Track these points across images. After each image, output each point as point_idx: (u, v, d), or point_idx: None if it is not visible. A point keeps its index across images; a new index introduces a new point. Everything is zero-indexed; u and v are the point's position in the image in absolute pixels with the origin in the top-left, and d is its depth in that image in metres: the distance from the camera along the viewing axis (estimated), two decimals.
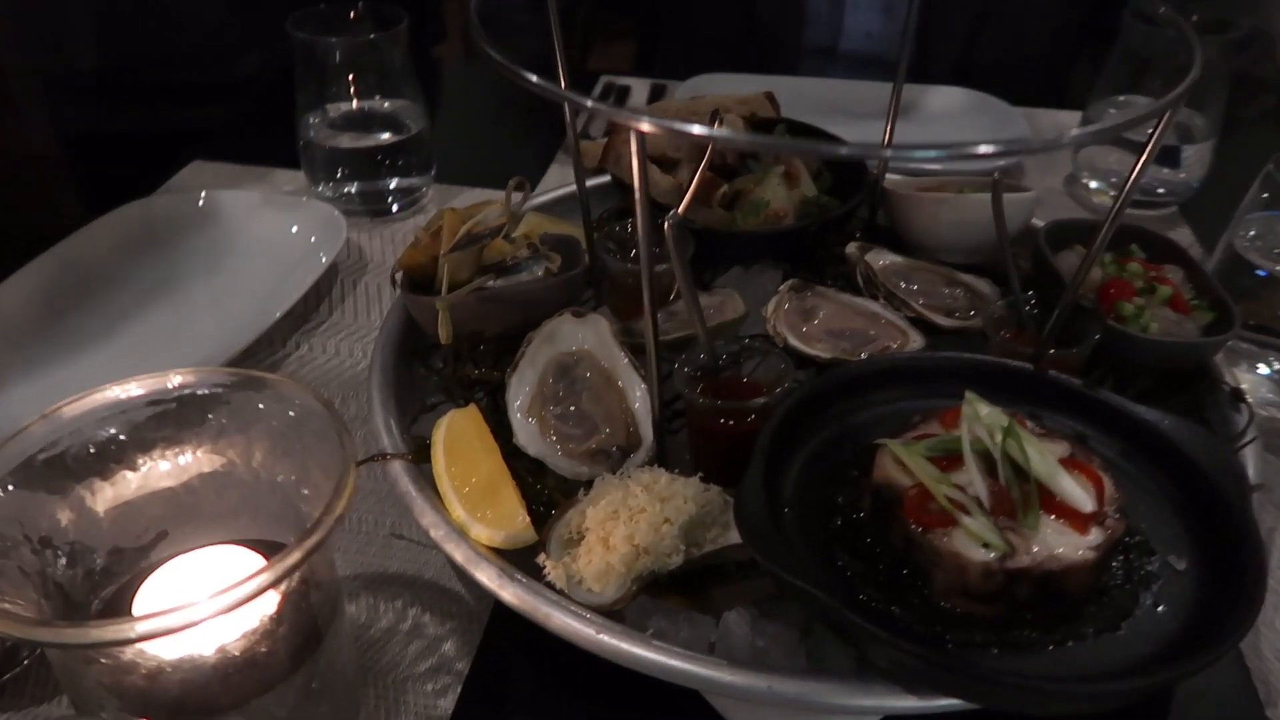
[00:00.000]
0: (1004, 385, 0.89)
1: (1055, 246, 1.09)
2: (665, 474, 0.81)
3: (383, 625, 0.88)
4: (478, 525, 0.79)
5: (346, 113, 1.46)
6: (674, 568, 0.77)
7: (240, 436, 0.75)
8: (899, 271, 1.11)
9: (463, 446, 0.84)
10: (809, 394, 0.88)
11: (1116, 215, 0.80)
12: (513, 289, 0.98)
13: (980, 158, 0.61)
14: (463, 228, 0.98)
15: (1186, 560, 0.76)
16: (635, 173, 0.69)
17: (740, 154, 1.21)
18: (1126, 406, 0.86)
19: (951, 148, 0.64)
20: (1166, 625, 0.71)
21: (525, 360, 0.93)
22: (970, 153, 0.63)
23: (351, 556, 0.94)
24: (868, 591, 0.73)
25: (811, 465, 0.84)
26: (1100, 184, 1.57)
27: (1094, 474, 0.76)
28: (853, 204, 1.16)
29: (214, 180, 1.58)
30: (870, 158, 0.65)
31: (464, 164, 1.64)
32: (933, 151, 0.64)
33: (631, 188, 1.20)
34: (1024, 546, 0.70)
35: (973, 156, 0.62)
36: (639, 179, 0.70)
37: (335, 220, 1.34)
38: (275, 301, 1.19)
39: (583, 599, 0.76)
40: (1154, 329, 0.98)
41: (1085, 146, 1.56)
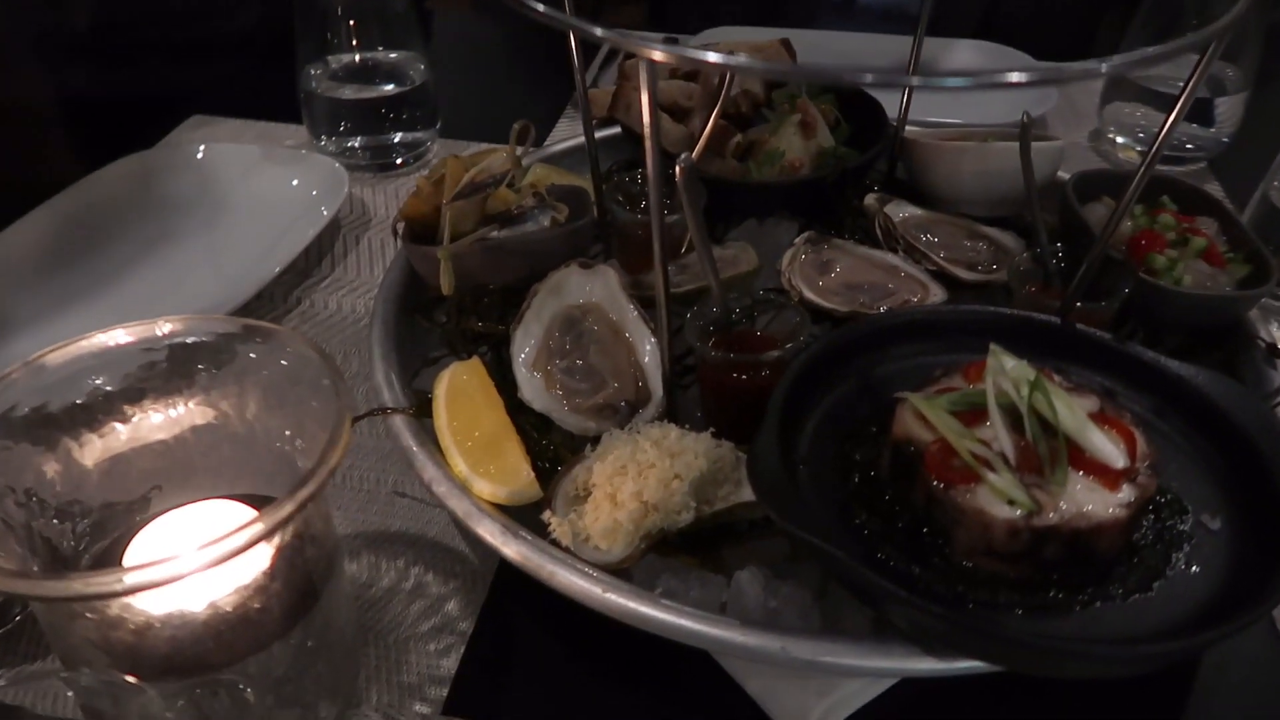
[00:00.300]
0: (1029, 339, 0.86)
1: (1083, 198, 1.05)
2: (675, 429, 0.78)
3: (384, 584, 0.85)
4: (480, 481, 0.76)
5: (348, 64, 1.42)
6: (684, 526, 0.74)
7: (233, 388, 0.72)
8: (919, 224, 1.07)
9: (465, 400, 0.81)
10: (825, 348, 0.84)
11: (1152, 161, 0.76)
12: (518, 239, 0.94)
13: (1010, 86, 0.58)
14: (466, 176, 0.94)
15: (1220, 520, 0.72)
16: (645, 107, 0.65)
17: (755, 103, 1.17)
18: (1158, 361, 0.83)
19: (980, 75, 0.60)
20: (1199, 587, 0.68)
21: (530, 313, 0.90)
22: (1000, 80, 0.59)
23: (352, 515, 0.91)
24: (886, 551, 0.70)
25: (828, 422, 0.81)
26: (1126, 139, 1.52)
27: (1125, 429, 0.72)
28: (871, 154, 1.12)
29: (214, 134, 1.55)
30: (897, 85, 0.62)
31: (470, 117, 1.60)
32: (961, 80, 0.61)
33: (642, 138, 1.17)
34: (1051, 504, 0.67)
35: (1003, 85, 0.59)
36: (649, 114, 0.66)
37: (337, 174, 1.30)
38: (276, 256, 1.16)
39: (589, 557, 0.73)
40: (1187, 282, 0.94)
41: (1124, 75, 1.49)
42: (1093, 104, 1.57)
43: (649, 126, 0.67)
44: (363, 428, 0.97)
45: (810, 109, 1.13)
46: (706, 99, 1.15)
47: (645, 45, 0.64)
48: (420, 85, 1.44)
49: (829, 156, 1.14)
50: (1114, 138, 1.53)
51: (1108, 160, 1.52)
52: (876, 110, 1.19)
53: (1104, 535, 0.67)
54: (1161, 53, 0.65)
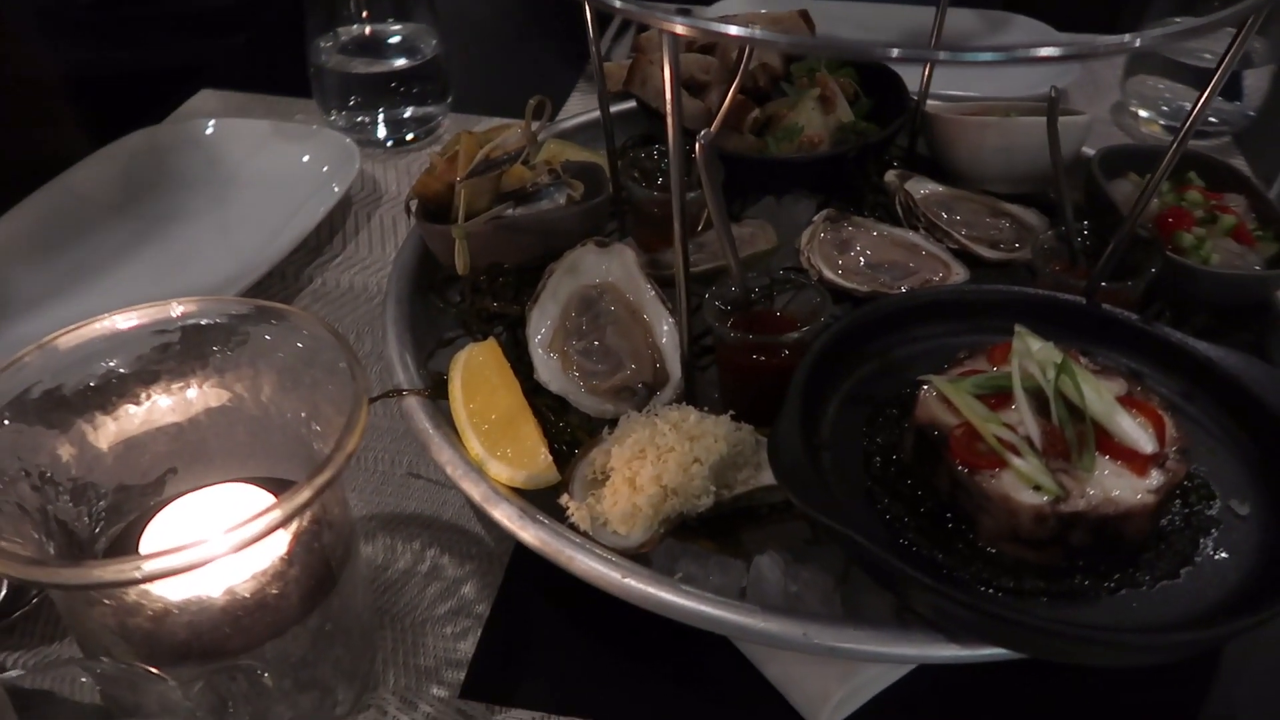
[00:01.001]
0: (1055, 320, 0.84)
1: (1109, 174, 1.03)
2: (694, 412, 0.77)
3: (400, 567, 0.85)
4: (497, 464, 0.75)
5: (358, 37, 1.40)
6: (703, 510, 0.73)
7: (248, 370, 0.71)
8: (941, 201, 1.05)
9: (481, 382, 0.80)
10: (846, 329, 0.83)
11: (1185, 135, 0.74)
12: (533, 217, 0.93)
13: (1040, 60, 0.56)
14: (480, 152, 0.93)
15: (1250, 505, 0.71)
16: (667, 82, 0.64)
17: (773, 77, 1.15)
18: (1186, 342, 0.81)
19: (1009, 49, 0.58)
20: (1228, 574, 0.67)
21: (546, 293, 0.88)
22: (1030, 55, 0.57)
23: (367, 496, 0.91)
24: (910, 536, 0.69)
25: (849, 404, 0.80)
26: (1150, 113, 1.49)
27: (1153, 413, 0.71)
28: (892, 129, 1.10)
29: (223, 109, 1.53)
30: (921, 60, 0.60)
31: (482, 92, 1.58)
32: (988, 54, 0.59)
33: (658, 113, 1.15)
34: (1078, 490, 0.65)
35: (1031, 59, 0.57)
36: (670, 89, 0.64)
37: (348, 149, 1.29)
38: (287, 233, 1.15)
39: (608, 541, 0.72)
40: (1215, 261, 0.92)
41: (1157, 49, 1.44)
42: (1115, 76, 1.54)
43: (671, 103, 0.65)
44: (377, 408, 0.96)
45: (830, 83, 1.11)
46: (724, 73, 1.13)
47: (666, 18, 0.62)
48: (431, 58, 1.42)
49: (849, 131, 1.12)
50: (1137, 111, 1.50)
51: (1130, 134, 1.49)
52: (897, 84, 1.16)
53: (1132, 521, 0.65)
54: (1197, 26, 0.63)
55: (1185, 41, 1.37)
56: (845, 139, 1.11)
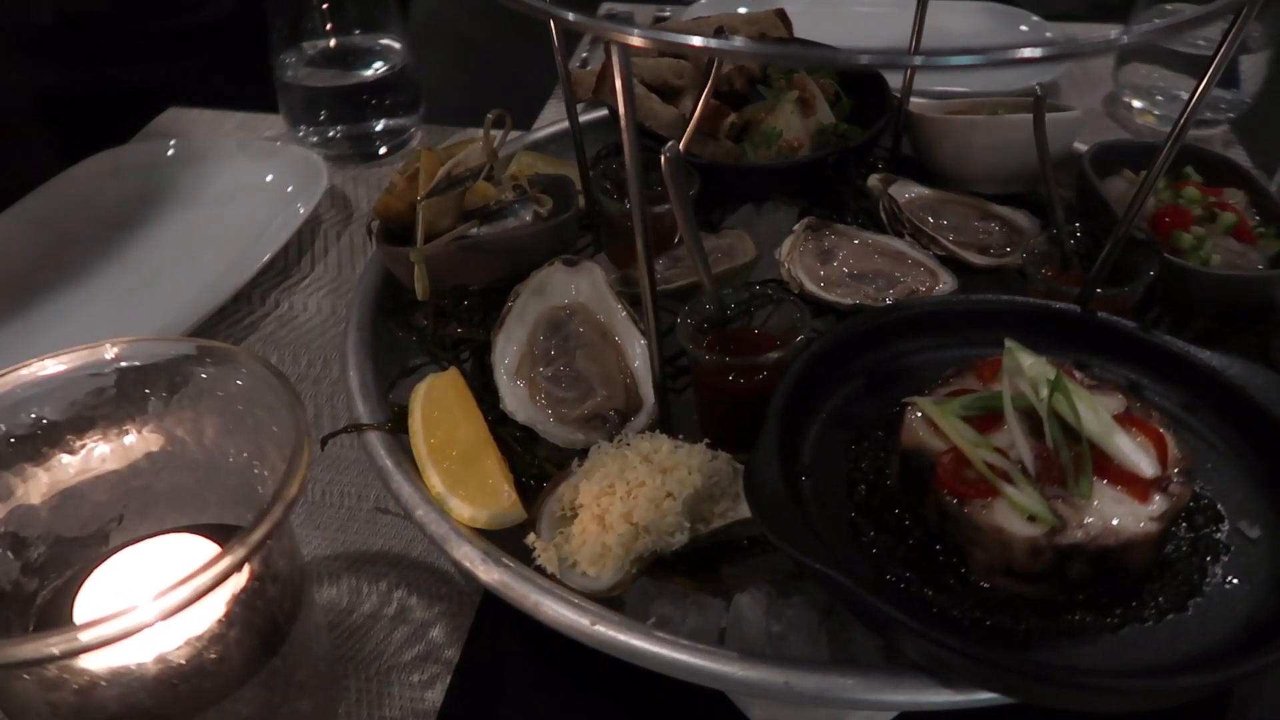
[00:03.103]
0: (1048, 330, 0.80)
1: (1101, 172, 0.98)
2: (668, 441, 0.72)
3: (365, 610, 0.80)
4: (458, 502, 0.71)
5: (324, 50, 1.36)
6: (678, 547, 0.68)
7: (189, 412, 0.67)
8: (927, 205, 1.00)
9: (442, 414, 0.76)
10: (828, 346, 0.78)
11: (1181, 131, 0.70)
12: (498, 236, 0.88)
13: (1022, 62, 0.51)
14: (441, 170, 0.88)
15: (1260, 527, 0.67)
16: (620, 95, 0.60)
17: (750, 80, 1.10)
18: (1187, 351, 0.76)
19: (989, 52, 0.54)
20: (1239, 603, 0.62)
21: (513, 316, 0.84)
22: (1011, 56, 0.53)
23: (332, 534, 0.87)
24: (896, 571, 0.64)
25: (832, 427, 0.75)
26: (1144, 103, 1.44)
27: (1154, 431, 0.66)
28: (874, 131, 1.05)
29: (191, 127, 1.49)
30: (896, 66, 0.56)
31: (455, 101, 1.54)
32: (968, 57, 0.54)
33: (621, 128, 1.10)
34: (1075, 519, 0.61)
35: (1014, 61, 0.53)
36: (624, 103, 0.60)
37: (315, 166, 1.25)
38: (250, 257, 1.11)
39: (576, 584, 0.68)
40: (1216, 261, 0.87)
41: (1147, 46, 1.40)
42: (1107, 67, 1.49)
43: (625, 117, 0.61)
44: (344, 439, 0.92)
45: (808, 84, 1.06)
46: (698, 77, 1.08)
47: (621, 31, 0.58)
48: (401, 69, 1.37)
49: (830, 134, 1.07)
50: (1130, 102, 1.45)
51: (1125, 127, 1.45)
52: (879, 84, 1.12)
53: (1134, 551, 0.61)
54: (1189, 19, 0.59)
55: (1176, 36, 1.33)
56: (826, 142, 1.07)
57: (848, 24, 1.58)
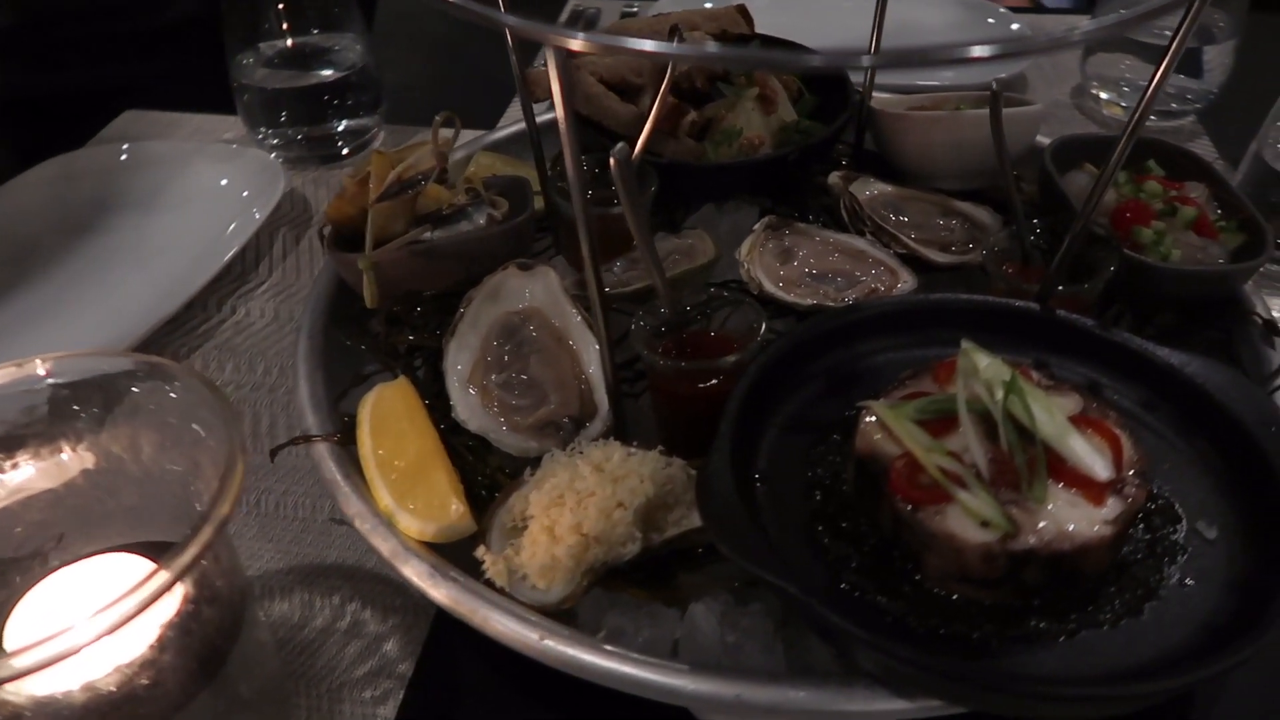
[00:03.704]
0: (1008, 328, 0.79)
1: (1063, 166, 0.97)
2: (620, 449, 0.71)
3: (318, 624, 0.79)
4: (406, 516, 0.70)
5: (282, 50, 1.34)
6: (631, 557, 0.67)
7: (124, 429, 0.65)
8: (888, 202, 0.99)
9: (390, 425, 0.74)
10: (786, 348, 0.77)
11: (1136, 126, 0.69)
12: (451, 241, 0.87)
13: (972, 61, 0.50)
14: (392, 173, 0.86)
15: (1218, 527, 0.66)
16: (558, 100, 0.58)
17: (710, 77, 1.09)
18: (1146, 349, 0.76)
19: (940, 50, 0.52)
20: (1197, 606, 0.61)
21: (465, 322, 0.83)
22: (960, 55, 0.51)
23: (285, 546, 0.85)
24: (852, 579, 0.63)
25: (789, 431, 0.74)
26: (1111, 95, 1.43)
27: (1110, 432, 0.65)
28: (835, 127, 1.04)
29: (148, 131, 1.46)
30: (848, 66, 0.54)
31: (421, 102, 1.51)
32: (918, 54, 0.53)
33: (589, 120, 1.09)
34: (1030, 523, 0.60)
35: (964, 60, 0.51)
36: (562, 108, 0.58)
37: (272, 169, 1.22)
38: (205, 264, 1.09)
39: (526, 597, 0.66)
40: (1176, 257, 0.87)
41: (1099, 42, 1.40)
42: (1075, 58, 1.49)
43: (564, 122, 0.59)
44: (298, 449, 0.90)
45: (769, 82, 1.05)
46: (658, 75, 1.06)
47: (558, 34, 0.56)
48: (361, 68, 1.35)
49: (791, 132, 1.06)
50: (1098, 93, 1.44)
51: (1093, 119, 1.44)
52: (842, 80, 1.11)
53: (1089, 556, 0.60)
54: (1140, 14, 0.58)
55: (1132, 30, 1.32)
56: (788, 140, 1.05)
57: (814, 17, 1.57)
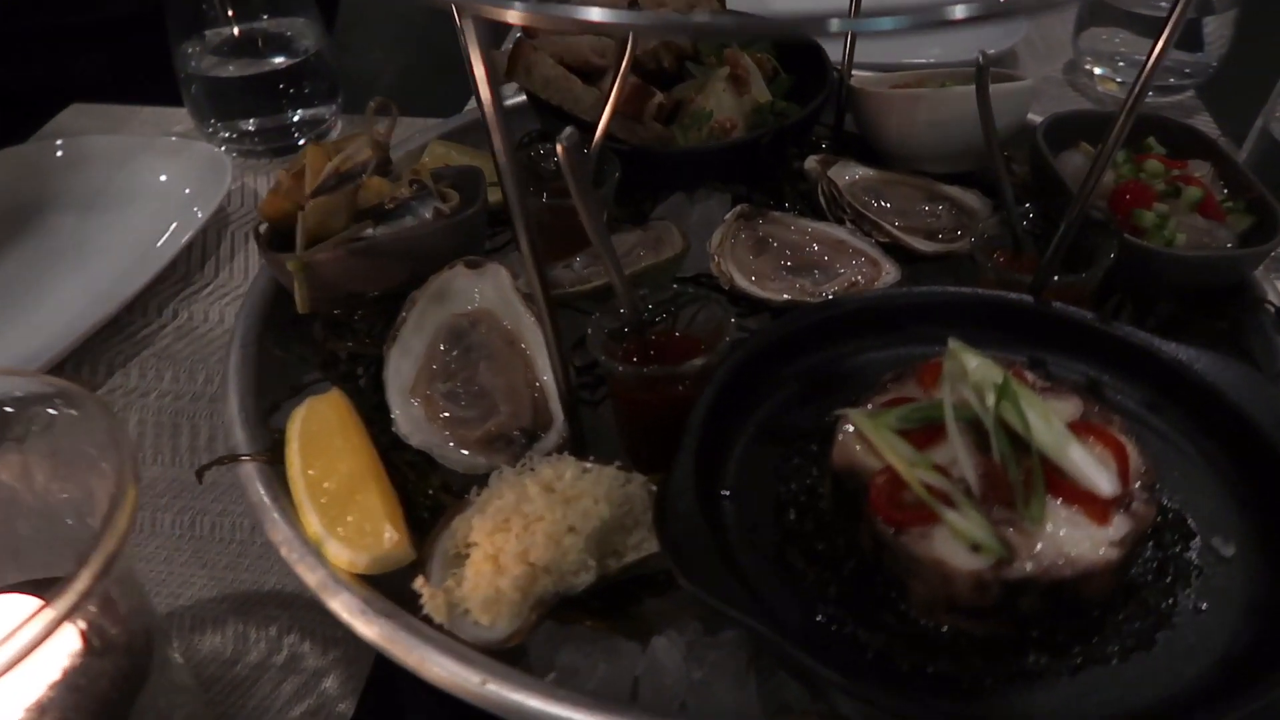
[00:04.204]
0: (999, 323, 0.73)
1: (1057, 146, 0.90)
2: (573, 466, 0.64)
3: (251, 659, 0.72)
4: (336, 544, 0.63)
5: (230, 38, 1.26)
6: (584, 587, 0.61)
7: (15, 456, 0.59)
8: (870, 187, 0.92)
9: (322, 442, 0.68)
10: (757, 350, 0.71)
11: (1137, 100, 0.62)
12: (393, 237, 0.80)
13: (951, 23, 0.43)
14: (328, 165, 0.79)
15: (1234, 543, 0.59)
16: (478, 77, 0.51)
17: (679, 56, 1.02)
18: (1151, 344, 0.69)
19: (918, 12, 0.46)
20: (1213, 634, 0.55)
21: (408, 327, 0.76)
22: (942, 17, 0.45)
23: (220, 573, 0.78)
24: (829, 609, 0.57)
25: (761, 441, 0.68)
26: (1105, 70, 1.36)
27: (1113, 440, 0.59)
28: (812, 108, 0.97)
29: (94, 125, 1.38)
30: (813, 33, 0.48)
31: (383, 90, 1.43)
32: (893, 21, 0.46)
33: (549, 105, 1.02)
34: (1026, 546, 0.54)
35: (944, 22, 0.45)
36: (484, 85, 0.52)
37: (219, 164, 1.15)
38: (145, 265, 1.02)
39: (468, 634, 0.60)
40: (1181, 241, 0.80)
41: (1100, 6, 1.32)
42: (1067, 33, 1.41)
43: (488, 103, 0.52)
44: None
45: (741, 60, 0.98)
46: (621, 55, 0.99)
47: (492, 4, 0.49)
48: (315, 54, 1.28)
49: (766, 113, 0.99)
50: (1092, 69, 1.38)
51: (1086, 95, 1.37)
52: (819, 57, 1.03)
53: (1093, 582, 0.54)
54: None
55: None
56: (763, 122, 0.98)
57: None
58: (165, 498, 0.85)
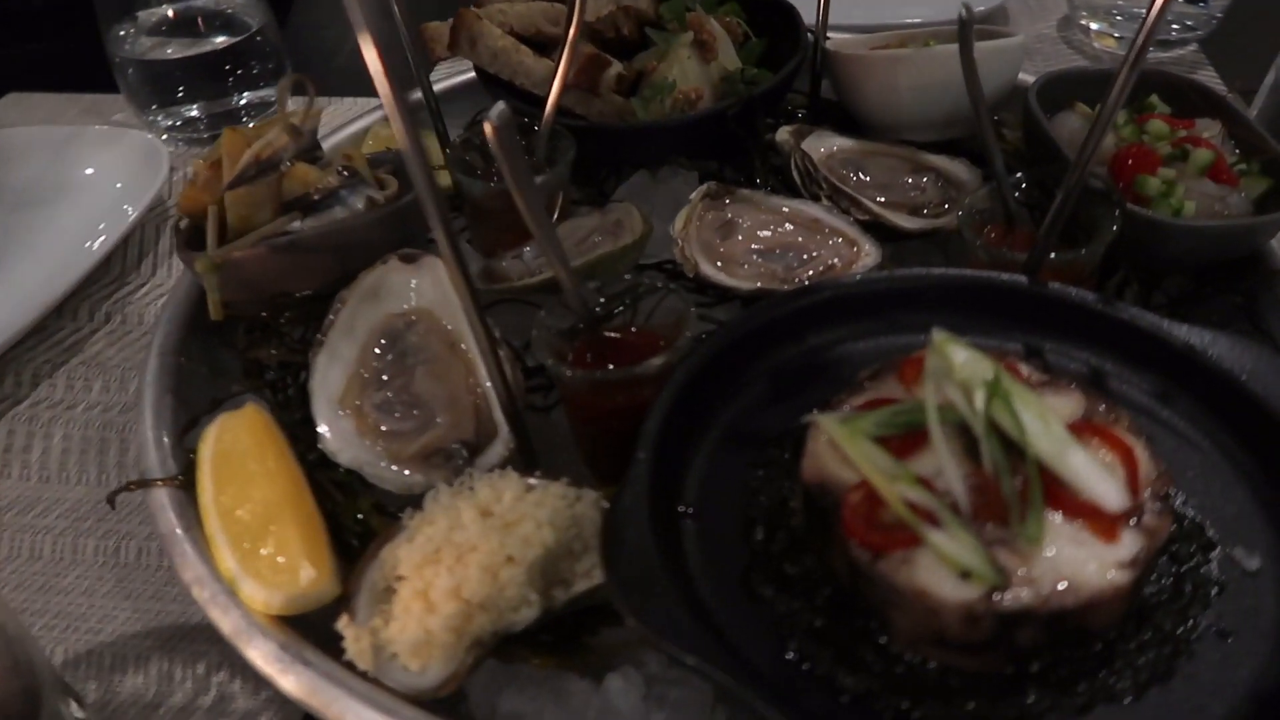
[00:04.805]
0: (991, 308, 0.66)
1: (1051, 108, 0.83)
2: (515, 484, 0.57)
3: (177, 702, 0.66)
4: (250, 582, 0.56)
5: (164, 18, 1.18)
6: (527, 623, 0.54)
7: None
8: (848, 159, 0.85)
9: (236, 465, 0.61)
10: (722, 345, 0.64)
11: (1140, 54, 0.55)
12: (319, 231, 0.72)
13: None
14: (247, 153, 0.72)
15: (1260, 555, 0.53)
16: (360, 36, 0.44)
17: (640, 22, 0.94)
18: (1159, 328, 0.62)
19: None
20: (1242, 664, 0.48)
21: (337, 330, 0.69)
22: None
23: (144, 604, 0.72)
24: (801, 644, 0.50)
25: (727, 448, 0.61)
26: (1101, 24, 1.28)
27: (1121, 442, 0.52)
28: (785, 74, 0.89)
29: (30, 115, 1.30)
30: None
31: (343, 70, 1.36)
32: None
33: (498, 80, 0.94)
34: (1023, 571, 0.47)
35: None
36: (369, 49, 0.44)
37: (154, 154, 1.08)
38: (73, 264, 0.95)
39: (397, 682, 0.53)
40: (1189, 210, 0.73)
41: None
42: None
43: (379, 75, 0.45)
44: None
45: (706, 24, 0.90)
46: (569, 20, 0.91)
47: None
48: (258, 30, 1.20)
49: (736, 82, 0.91)
50: (1087, 24, 1.29)
51: (1082, 52, 1.29)
52: (792, 18, 0.95)
53: (1099, 611, 0.47)
54: None
55: None
56: (732, 91, 0.91)
57: None
58: (89, 521, 0.78)
